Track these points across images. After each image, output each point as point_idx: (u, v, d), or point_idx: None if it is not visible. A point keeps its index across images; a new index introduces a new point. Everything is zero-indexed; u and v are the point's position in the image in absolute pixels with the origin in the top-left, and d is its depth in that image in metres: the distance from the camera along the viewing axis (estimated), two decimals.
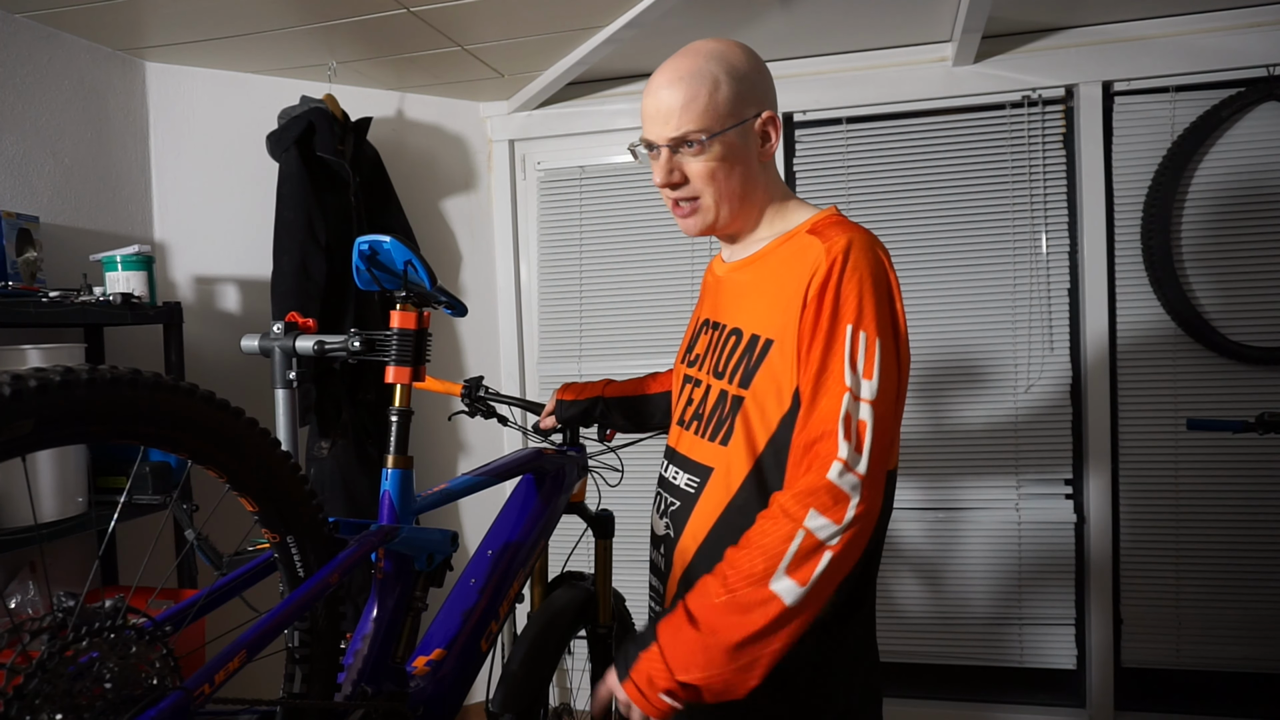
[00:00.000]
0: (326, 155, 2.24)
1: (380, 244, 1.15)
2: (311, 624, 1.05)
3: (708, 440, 1.15)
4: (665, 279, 2.72)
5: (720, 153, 1.09)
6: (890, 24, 2.32)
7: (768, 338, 1.08)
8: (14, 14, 1.99)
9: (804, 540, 0.95)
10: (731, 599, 0.96)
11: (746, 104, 1.10)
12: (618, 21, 2.13)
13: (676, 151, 1.10)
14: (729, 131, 1.09)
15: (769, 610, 0.94)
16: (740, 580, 0.97)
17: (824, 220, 1.12)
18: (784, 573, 0.94)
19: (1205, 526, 2.40)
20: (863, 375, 0.98)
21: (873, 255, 1.04)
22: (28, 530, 1.70)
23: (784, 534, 0.96)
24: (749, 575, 0.96)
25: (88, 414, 0.72)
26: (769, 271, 1.12)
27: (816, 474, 0.97)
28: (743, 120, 1.10)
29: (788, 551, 0.95)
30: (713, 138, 1.08)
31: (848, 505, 0.95)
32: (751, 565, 0.97)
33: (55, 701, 0.70)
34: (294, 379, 1.31)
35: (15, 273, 1.84)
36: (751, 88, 1.10)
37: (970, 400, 2.52)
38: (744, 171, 1.12)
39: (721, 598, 0.97)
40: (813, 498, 0.96)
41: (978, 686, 2.59)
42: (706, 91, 1.07)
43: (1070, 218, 2.47)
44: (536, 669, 1.48)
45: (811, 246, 1.06)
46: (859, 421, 0.97)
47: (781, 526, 0.97)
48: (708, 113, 1.07)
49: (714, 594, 0.98)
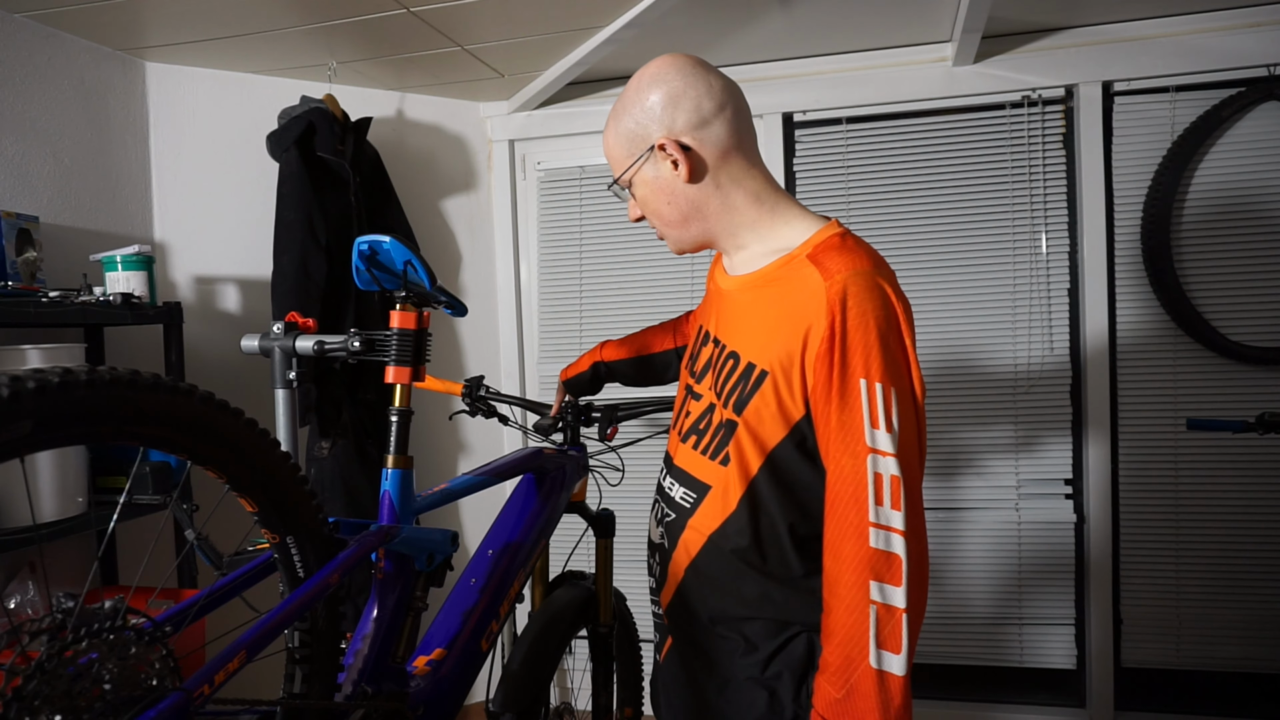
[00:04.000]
0: (326, 155, 2.24)
1: (380, 244, 1.15)
2: (311, 624, 1.04)
3: (707, 458, 1.15)
4: (665, 279, 2.72)
5: (642, 191, 1.15)
6: (890, 24, 2.32)
7: (763, 369, 1.07)
8: (14, 14, 1.99)
9: (879, 613, 0.97)
10: (849, 694, 0.98)
11: (637, 141, 1.12)
12: (618, 21, 2.13)
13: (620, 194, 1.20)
14: (635, 166, 1.13)
15: (885, 683, 0.97)
16: (843, 671, 0.99)
17: (824, 243, 1.06)
18: (877, 649, 0.97)
19: (1205, 526, 2.40)
20: (885, 430, 0.98)
21: (876, 293, 1.00)
22: (27, 530, 1.69)
23: (859, 617, 0.98)
24: (853, 668, 0.98)
25: (87, 415, 0.72)
26: (769, 299, 1.09)
27: (858, 544, 0.98)
28: (638, 158, 1.12)
29: (869, 633, 0.97)
30: (626, 174, 1.14)
31: (900, 564, 0.97)
32: (848, 654, 0.99)
33: (54, 702, 0.69)
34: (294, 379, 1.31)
35: (15, 273, 1.84)
36: (637, 123, 1.10)
37: (970, 400, 2.52)
38: (670, 199, 1.13)
39: (840, 693, 0.99)
40: (867, 571, 0.97)
41: (978, 686, 2.59)
42: (611, 140, 1.15)
43: (1070, 218, 2.47)
44: (537, 669, 1.48)
45: (810, 280, 1.03)
46: (891, 477, 0.98)
47: (853, 613, 0.98)
48: (615, 160, 1.16)
49: (833, 693, 1.00)
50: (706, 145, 1.09)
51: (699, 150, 1.09)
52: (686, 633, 1.20)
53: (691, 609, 1.18)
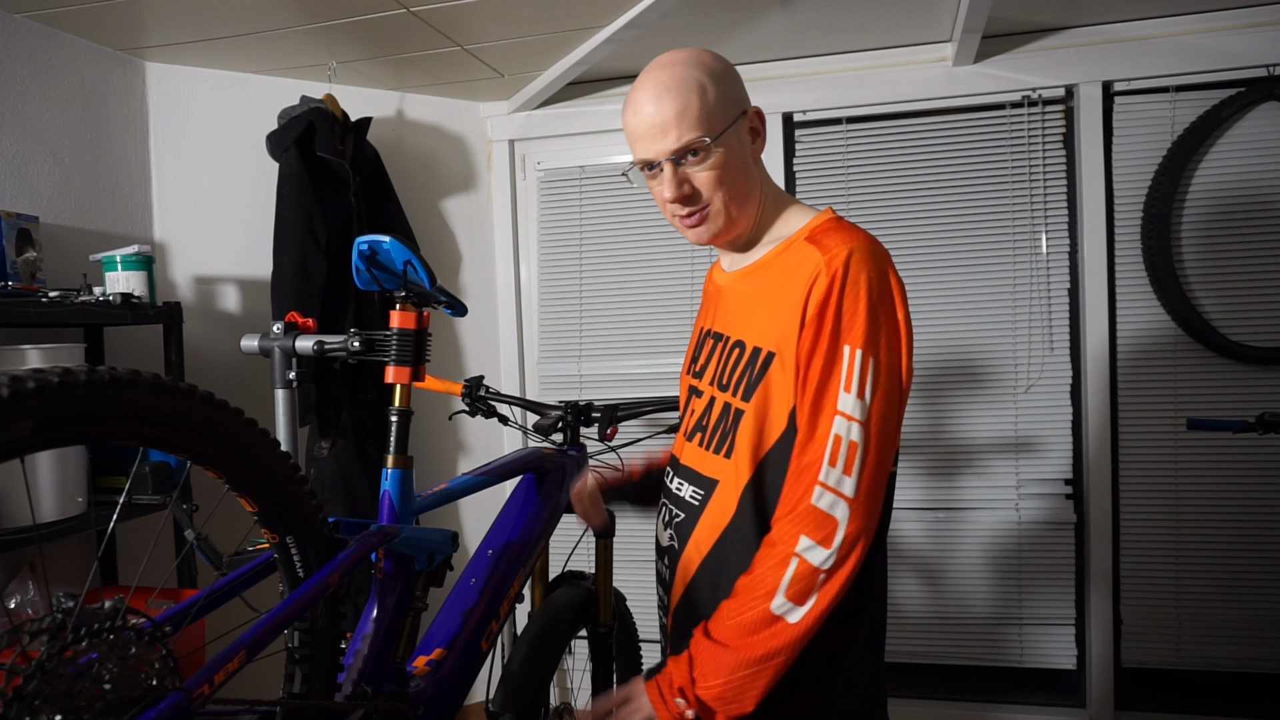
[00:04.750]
0: (326, 155, 2.24)
1: (380, 244, 1.14)
2: (311, 624, 1.04)
3: (712, 453, 1.15)
4: (665, 279, 2.72)
5: (723, 156, 1.07)
6: (890, 24, 2.32)
7: (769, 351, 1.08)
8: (14, 14, 1.99)
9: (798, 566, 1.00)
10: (739, 622, 1.02)
11: (733, 103, 1.09)
12: (618, 21, 2.13)
13: (680, 164, 1.08)
14: (727, 132, 1.07)
15: (775, 631, 1.00)
16: (747, 605, 1.02)
17: (822, 226, 1.09)
18: (784, 597, 0.99)
19: (1205, 526, 2.40)
20: (856, 395, 1.00)
21: (873, 265, 1.03)
22: (27, 530, 1.70)
23: (777, 560, 1.01)
24: (753, 601, 1.02)
25: (86, 415, 0.72)
26: (770, 282, 1.11)
27: (802, 499, 1.01)
28: (736, 119, 1.09)
29: (783, 578, 1.00)
30: (716, 140, 1.06)
31: (836, 529, 0.99)
32: (754, 592, 1.02)
33: (55, 702, 0.69)
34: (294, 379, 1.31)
35: (15, 273, 1.84)
36: (732, 86, 1.10)
37: (970, 400, 2.52)
38: (745, 171, 1.11)
39: (732, 619, 1.03)
40: (801, 524, 1.01)
41: (978, 686, 2.59)
42: (697, 97, 1.05)
43: (1070, 218, 2.47)
44: (537, 669, 1.48)
45: (810, 257, 1.05)
46: (850, 443, 0.99)
47: (774, 553, 1.02)
48: (704, 118, 1.05)
49: (727, 617, 1.04)
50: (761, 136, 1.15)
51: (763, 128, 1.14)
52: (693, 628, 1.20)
53: (703, 610, 1.17)
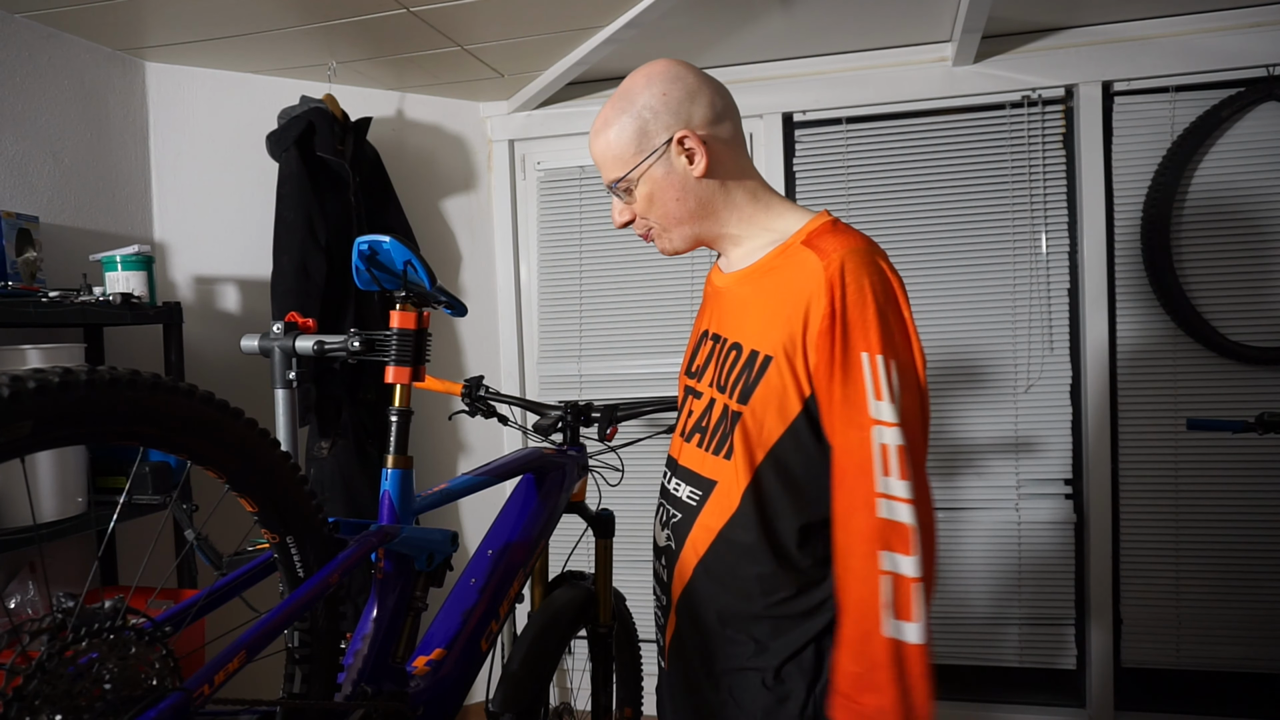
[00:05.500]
0: (326, 155, 2.24)
1: (380, 244, 1.15)
2: (311, 624, 1.04)
3: (710, 454, 1.16)
4: (665, 279, 2.72)
5: (648, 188, 1.13)
6: (890, 24, 2.32)
7: (766, 354, 1.08)
8: (14, 14, 1.99)
9: (892, 583, 0.98)
10: (869, 667, 0.99)
11: (651, 136, 1.11)
12: (618, 21, 2.13)
13: (619, 193, 1.16)
14: (646, 162, 1.11)
15: (902, 652, 0.98)
16: (860, 644, 1.00)
17: (818, 229, 1.10)
18: (893, 619, 0.98)
19: (1205, 526, 2.40)
20: (889, 401, 1.00)
21: (873, 268, 1.03)
22: (27, 530, 1.69)
23: (871, 589, 0.99)
24: (865, 638, 0.99)
25: (87, 415, 0.72)
26: (768, 286, 1.12)
27: (867, 516, 1.00)
28: (652, 152, 1.11)
29: (882, 603, 0.98)
30: (633, 173, 1.12)
31: (909, 533, 0.98)
32: (863, 628, 1.00)
33: (55, 702, 0.69)
34: (294, 379, 1.31)
35: (15, 273, 1.84)
36: (655, 116, 1.10)
37: (970, 400, 2.52)
38: (680, 195, 1.13)
39: (859, 667, 1.00)
40: (876, 541, 0.99)
41: (978, 686, 2.59)
42: (615, 137, 1.12)
43: (1070, 218, 2.47)
44: (537, 669, 1.48)
45: (808, 262, 1.06)
46: (897, 448, 0.99)
47: (865, 585, 1.00)
48: (620, 158, 1.12)
49: (852, 667, 1.01)
50: (719, 141, 1.12)
51: (713, 145, 1.12)
52: (694, 636, 1.19)
53: (700, 610, 1.17)
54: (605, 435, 1.74)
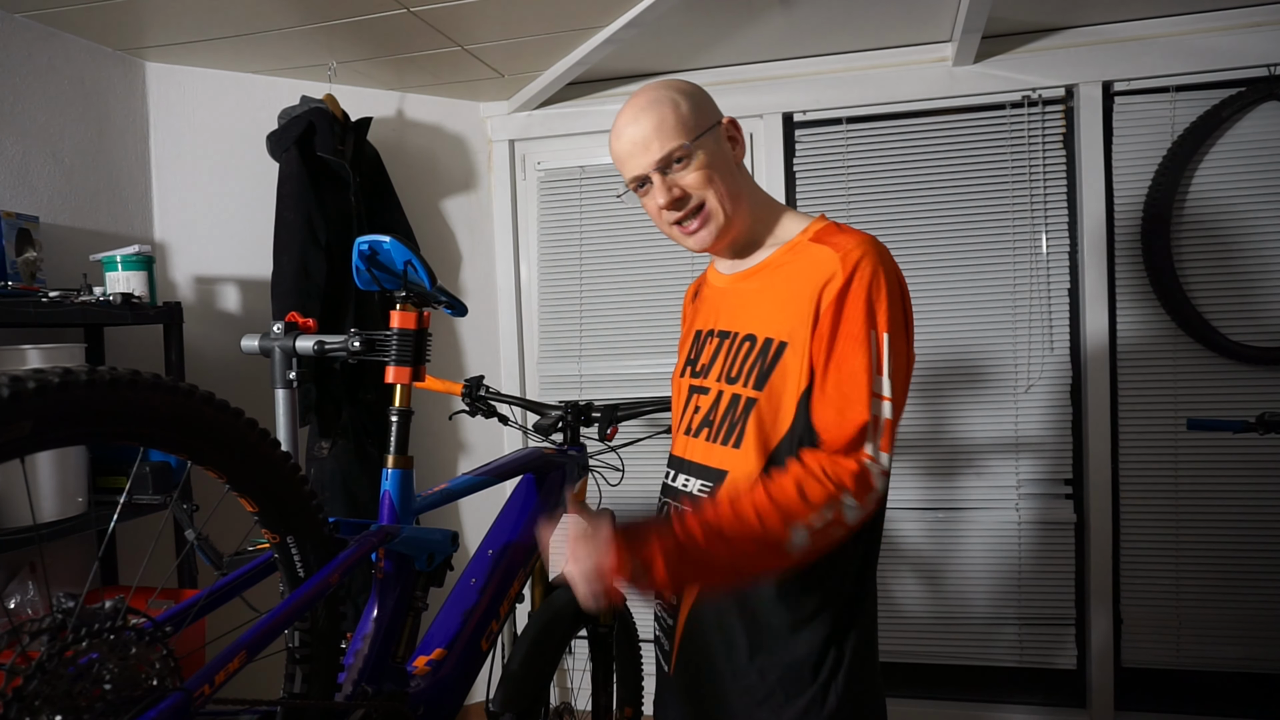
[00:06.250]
0: (326, 155, 2.24)
1: (380, 244, 1.15)
2: (312, 624, 1.05)
3: (720, 445, 1.16)
4: (665, 279, 2.72)
5: (706, 157, 1.15)
6: (890, 24, 2.32)
7: (781, 340, 1.12)
8: (14, 14, 1.99)
9: (836, 512, 1.01)
10: (748, 532, 0.99)
11: (706, 114, 1.17)
12: (618, 21, 2.13)
13: (667, 172, 1.15)
14: (704, 136, 1.15)
15: (775, 558, 1.01)
16: (770, 520, 1.00)
17: (825, 229, 1.16)
18: (805, 528, 1.00)
19: (1205, 526, 2.40)
20: (889, 376, 1.06)
21: (885, 257, 1.10)
22: (27, 530, 1.70)
23: (826, 498, 1.01)
24: (778, 521, 0.99)
25: (87, 415, 0.72)
26: (780, 279, 1.16)
27: (855, 458, 1.04)
28: (711, 126, 1.16)
29: (821, 512, 1.00)
30: (694, 144, 1.14)
31: (871, 493, 1.04)
32: (788, 506, 1.00)
33: (55, 703, 0.69)
34: (294, 379, 1.31)
35: (15, 273, 1.84)
36: (704, 101, 1.19)
37: (970, 400, 2.52)
38: (730, 173, 1.18)
39: (744, 526, 0.99)
40: (851, 478, 1.02)
41: (978, 686, 2.59)
42: (671, 111, 1.14)
43: (1070, 218, 2.47)
44: (537, 668, 1.48)
45: (823, 254, 1.11)
46: (885, 420, 1.05)
47: (821, 491, 1.01)
48: (680, 127, 1.14)
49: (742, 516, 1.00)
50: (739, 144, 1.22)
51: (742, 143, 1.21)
52: (702, 633, 1.19)
53: (706, 608, 1.17)
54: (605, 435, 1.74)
